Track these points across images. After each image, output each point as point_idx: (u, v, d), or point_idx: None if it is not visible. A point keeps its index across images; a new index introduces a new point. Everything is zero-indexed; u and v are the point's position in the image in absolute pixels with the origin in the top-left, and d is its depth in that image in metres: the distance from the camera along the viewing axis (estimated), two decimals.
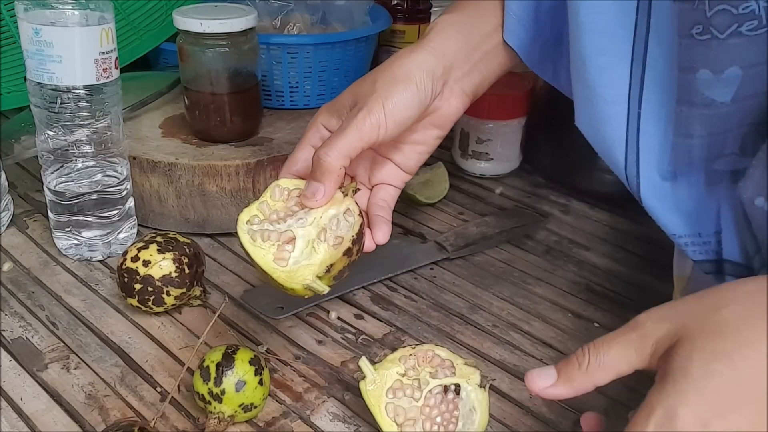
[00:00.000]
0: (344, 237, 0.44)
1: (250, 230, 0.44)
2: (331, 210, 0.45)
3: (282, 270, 0.43)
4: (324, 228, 0.44)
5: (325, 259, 0.43)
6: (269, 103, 0.76)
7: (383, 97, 0.45)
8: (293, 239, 0.44)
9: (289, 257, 0.43)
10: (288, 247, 0.43)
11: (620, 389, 0.52)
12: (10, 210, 0.67)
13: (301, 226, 0.44)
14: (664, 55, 0.38)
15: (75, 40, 0.54)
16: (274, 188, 0.46)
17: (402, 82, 0.46)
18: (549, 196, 0.80)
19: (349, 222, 0.45)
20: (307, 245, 0.44)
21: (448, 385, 0.44)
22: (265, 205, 0.45)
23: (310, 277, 0.42)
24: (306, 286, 0.42)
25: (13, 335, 0.53)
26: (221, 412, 0.44)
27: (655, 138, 0.40)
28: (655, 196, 0.42)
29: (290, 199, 0.46)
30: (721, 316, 0.32)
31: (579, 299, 0.62)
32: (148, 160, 0.63)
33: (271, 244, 0.43)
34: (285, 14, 0.81)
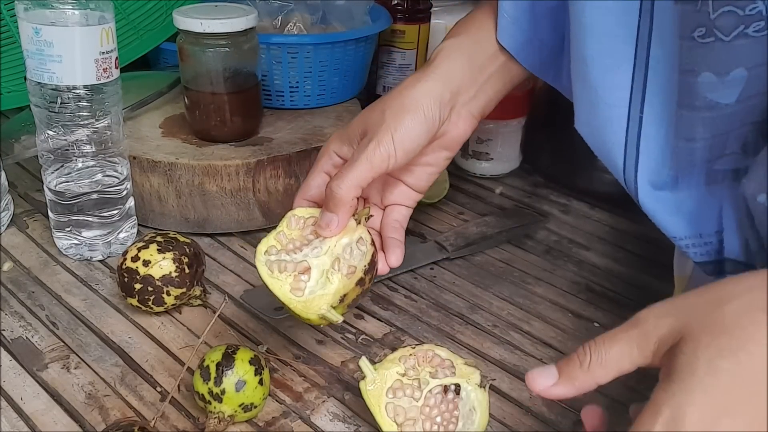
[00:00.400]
0: (357, 266, 0.46)
1: (267, 261, 0.46)
2: (345, 239, 0.47)
3: (298, 300, 0.45)
4: (338, 257, 0.46)
5: (339, 289, 0.45)
6: (269, 102, 0.76)
7: (392, 128, 0.47)
8: (308, 269, 0.45)
9: (305, 287, 0.45)
10: (304, 278, 0.45)
11: (621, 389, 0.52)
12: (10, 210, 0.67)
13: (315, 256, 0.46)
14: (666, 58, 0.38)
15: (75, 39, 0.54)
16: (290, 218, 0.48)
17: (410, 111, 0.47)
18: (549, 195, 0.80)
19: (361, 251, 0.47)
20: (321, 275, 0.45)
21: (448, 385, 0.44)
22: (282, 235, 0.47)
23: (324, 307, 0.44)
24: (321, 315, 0.44)
25: (13, 335, 0.53)
26: (221, 412, 0.44)
27: (655, 142, 0.40)
28: (654, 199, 0.42)
29: (306, 227, 0.48)
30: (724, 312, 0.31)
31: (579, 299, 0.62)
32: (148, 160, 0.63)
33: (288, 275, 0.45)
34: (285, 14, 0.81)
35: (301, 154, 0.66)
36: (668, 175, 0.40)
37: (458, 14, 1.02)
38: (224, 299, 0.54)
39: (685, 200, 0.41)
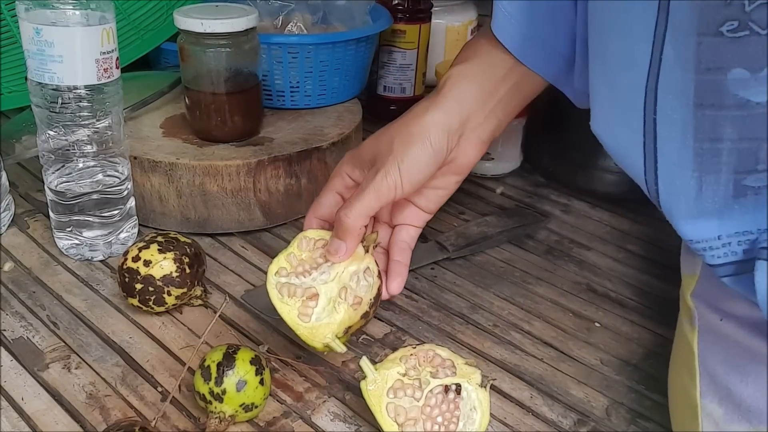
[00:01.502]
0: (363, 298, 0.48)
1: (278, 283, 0.47)
2: (353, 266, 0.48)
3: (305, 326, 0.46)
4: (345, 286, 0.48)
5: (344, 320, 0.47)
6: (270, 102, 0.76)
7: (399, 158, 0.48)
8: (316, 295, 0.47)
9: (312, 313, 0.47)
10: (311, 303, 0.47)
11: (621, 389, 0.52)
12: (11, 210, 0.67)
13: (323, 282, 0.47)
14: (679, 57, 0.37)
15: (76, 40, 0.54)
16: (301, 239, 0.49)
17: (417, 142, 0.49)
18: (550, 195, 0.80)
19: (368, 282, 0.49)
20: (328, 302, 0.47)
21: (449, 384, 0.44)
22: (293, 257, 0.48)
23: (329, 336, 0.46)
24: (325, 344, 0.46)
25: (14, 335, 0.53)
26: (222, 412, 0.44)
27: (672, 144, 0.39)
28: (674, 202, 0.40)
29: (315, 249, 0.49)
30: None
31: (580, 299, 0.62)
32: (149, 160, 0.63)
33: (296, 300, 0.47)
34: (286, 14, 0.81)
35: (301, 154, 0.66)
36: (692, 177, 0.38)
37: (458, 14, 1.03)
38: (225, 299, 0.54)
39: (708, 205, 0.39)
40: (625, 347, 0.56)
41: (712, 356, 0.42)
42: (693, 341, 0.43)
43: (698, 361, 0.42)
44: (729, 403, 0.40)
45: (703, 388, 0.42)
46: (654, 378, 0.53)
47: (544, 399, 0.50)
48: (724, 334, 0.41)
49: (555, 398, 0.50)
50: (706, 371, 0.42)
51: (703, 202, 0.38)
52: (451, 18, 1.03)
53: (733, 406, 0.40)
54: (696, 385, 0.42)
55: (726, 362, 0.41)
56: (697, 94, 0.36)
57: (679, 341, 0.46)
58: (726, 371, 0.41)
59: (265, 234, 0.68)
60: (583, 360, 0.54)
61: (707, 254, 0.40)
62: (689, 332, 0.43)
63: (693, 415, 0.42)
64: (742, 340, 0.40)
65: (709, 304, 0.42)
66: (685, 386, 0.43)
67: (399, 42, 0.91)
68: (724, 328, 0.41)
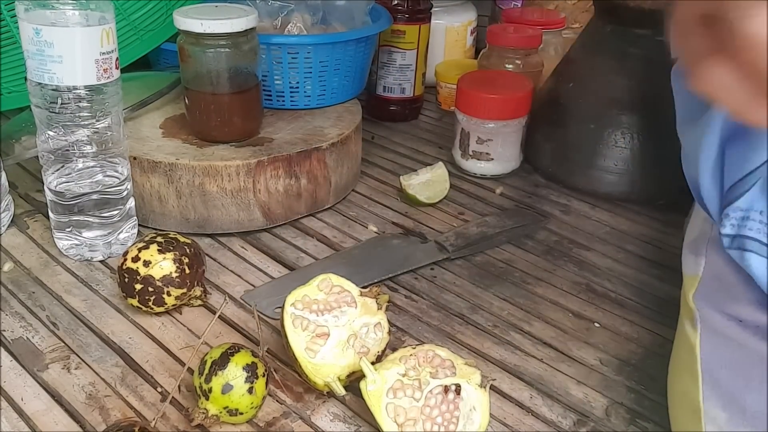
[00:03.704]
0: (370, 350, 0.49)
1: (293, 314, 0.48)
2: (364, 318, 0.49)
3: (309, 361, 0.47)
4: (355, 333, 0.49)
5: (349, 365, 0.48)
6: (270, 103, 0.76)
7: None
8: (326, 335, 0.48)
9: (319, 350, 0.48)
10: (320, 341, 0.48)
11: (620, 389, 0.52)
12: (10, 210, 0.67)
13: (335, 325, 0.49)
14: None
15: (76, 40, 0.54)
16: (324, 280, 0.50)
17: None
18: (549, 196, 0.80)
19: (377, 336, 0.50)
20: (337, 345, 0.48)
21: (449, 385, 0.44)
22: (311, 295, 0.50)
23: (332, 376, 0.47)
24: (326, 383, 0.47)
25: (13, 335, 0.53)
26: (206, 410, 0.44)
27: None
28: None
29: (331, 294, 0.50)
30: None
31: (579, 299, 0.62)
32: (148, 161, 0.63)
33: (307, 334, 0.48)
34: (285, 14, 0.81)
35: (301, 154, 0.66)
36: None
37: (458, 15, 1.03)
38: (224, 299, 0.54)
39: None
40: (625, 347, 0.56)
41: (716, 359, 0.42)
42: (695, 343, 0.43)
43: (701, 364, 0.42)
44: (733, 407, 0.40)
45: (706, 392, 0.42)
46: (653, 378, 0.53)
47: (544, 399, 0.50)
48: (727, 336, 0.41)
49: (554, 398, 0.50)
50: (709, 374, 0.42)
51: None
52: (451, 18, 1.03)
53: (737, 411, 0.40)
54: (699, 389, 0.42)
55: (730, 366, 0.40)
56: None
57: (680, 342, 0.46)
58: (730, 375, 0.40)
59: (264, 234, 0.68)
60: (583, 360, 0.54)
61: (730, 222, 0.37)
62: (691, 334, 0.43)
63: (696, 419, 0.42)
64: (747, 343, 0.39)
65: (712, 306, 0.42)
66: (687, 389, 0.43)
67: (399, 42, 0.91)
68: (727, 330, 0.41)
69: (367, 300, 0.50)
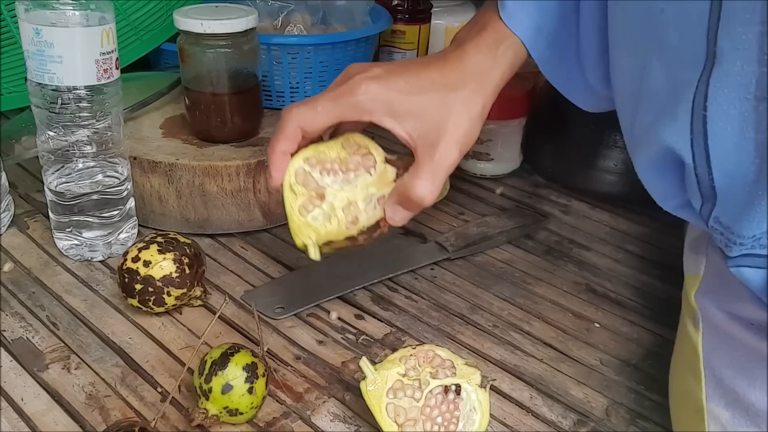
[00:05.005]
0: (360, 221, 0.47)
1: (300, 167, 0.46)
2: (374, 189, 0.47)
3: (298, 219, 0.46)
4: (353, 202, 0.46)
5: (330, 232, 0.46)
6: (270, 103, 0.76)
7: (459, 141, 0.47)
8: (323, 197, 0.46)
9: (312, 210, 0.46)
10: (316, 202, 0.46)
11: (620, 389, 0.52)
12: (10, 210, 0.67)
13: (339, 188, 0.46)
14: (735, 48, 0.34)
15: (76, 40, 0.54)
16: (348, 139, 0.47)
17: (477, 123, 0.48)
18: (549, 196, 0.80)
19: (375, 210, 0.47)
20: (330, 209, 0.46)
21: (449, 385, 0.44)
22: (329, 152, 0.47)
23: (312, 239, 0.46)
24: (304, 245, 0.46)
25: (13, 335, 0.53)
26: (206, 410, 0.44)
27: (728, 138, 0.36)
28: (732, 193, 0.38)
29: (354, 154, 0.47)
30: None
31: (579, 299, 0.62)
32: (148, 161, 0.63)
33: (305, 192, 0.46)
34: (285, 15, 0.81)
35: None
36: (752, 163, 0.36)
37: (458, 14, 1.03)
38: (225, 300, 0.54)
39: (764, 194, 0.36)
40: (625, 348, 0.56)
41: (718, 358, 0.41)
42: (697, 342, 0.43)
43: (703, 363, 0.42)
44: (736, 406, 0.40)
45: (709, 391, 0.42)
46: (654, 378, 0.53)
47: (544, 399, 0.50)
48: (730, 335, 0.41)
49: (555, 399, 0.50)
50: (711, 374, 0.42)
51: (759, 187, 0.36)
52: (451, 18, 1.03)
53: (740, 410, 0.40)
54: (701, 388, 0.42)
55: (733, 365, 0.40)
56: (759, 87, 0.34)
57: (682, 342, 0.46)
58: (733, 374, 0.40)
59: (264, 234, 0.68)
60: (583, 360, 0.54)
61: (757, 250, 0.37)
62: (693, 333, 0.43)
63: (699, 418, 0.42)
64: (749, 342, 0.39)
65: (714, 305, 0.42)
66: (690, 388, 0.43)
67: (399, 42, 0.91)
68: (730, 329, 0.41)
69: (388, 169, 0.48)
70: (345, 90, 0.45)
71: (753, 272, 0.37)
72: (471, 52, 0.47)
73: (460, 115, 0.45)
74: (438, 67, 0.46)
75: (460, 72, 0.46)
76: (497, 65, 0.47)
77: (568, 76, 0.52)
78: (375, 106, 0.45)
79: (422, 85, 0.45)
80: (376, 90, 0.45)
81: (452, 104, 0.45)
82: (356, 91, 0.45)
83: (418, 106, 0.45)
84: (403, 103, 0.45)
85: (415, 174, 0.45)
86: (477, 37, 0.48)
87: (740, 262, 0.38)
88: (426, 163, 0.45)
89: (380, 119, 0.45)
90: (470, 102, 0.46)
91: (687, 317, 0.45)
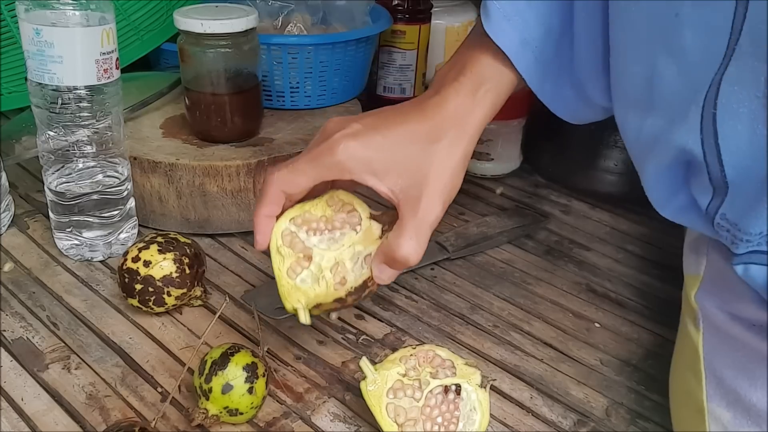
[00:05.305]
0: (348, 282, 0.46)
1: (287, 229, 0.46)
2: (360, 246, 0.47)
3: (288, 283, 0.46)
4: (340, 262, 0.46)
5: (319, 295, 0.46)
6: (270, 103, 0.76)
7: (443, 195, 0.46)
8: (311, 258, 0.46)
9: (300, 272, 0.46)
10: (304, 264, 0.46)
11: (621, 389, 0.52)
12: (10, 210, 0.67)
13: (325, 248, 0.47)
14: (753, 49, 0.34)
15: (76, 40, 0.54)
16: (333, 196, 0.47)
17: (459, 174, 0.48)
18: (549, 196, 0.80)
19: (362, 269, 0.46)
20: (318, 270, 0.46)
21: (449, 385, 0.44)
22: (314, 212, 0.47)
23: (301, 303, 0.46)
24: (294, 309, 0.46)
25: (13, 335, 0.53)
26: (206, 410, 0.44)
27: (739, 137, 0.36)
28: (743, 187, 0.37)
29: (339, 212, 0.47)
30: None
31: (579, 299, 0.62)
32: (148, 161, 0.63)
33: (293, 254, 0.46)
34: (285, 14, 0.81)
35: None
36: (763, 159, 0.35)
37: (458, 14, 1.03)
38: (225, 300, 0.54)
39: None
40: (625, 348, 0.56)
41: (719, 359, 0.41)
42: (698, 343, 0.43)
43: (704, 364, 0.42)
44: (738, 407, 0.40)
45: (709, 391, 0.42)
46: (654, 378, 0.53)
47: (544, 399, 0.50)
48: (730, 336, 0.41)
49: (555, 399, 0.50)
50: (712, 374, 0.42)
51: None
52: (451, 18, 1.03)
53: (742, 410, 0.40)
54: (702, 388, 0.42)
55: (734, 365, 0.40)
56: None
57: (683, 342, 0.46)
58: (734, 375, 0.40)
59: None
60: (583, 360, 0.54)
61: (763, 247, 0.37)
62: (694, 333, 0.43)
63: (699, 418, 0.42)
64: (750, 342, 0.39)
65: (715, 305, 0.42)
66: (690, 388, 0.43)
67: (399, 42, 0.91)
68: (730, 330, 0.41)
69: (374, 225, 0.47)
70: (324, 149, 0.44)
71: (758, 269, 0.37)
72: (450, 97, 0.46)
73: (441, 166, 0.45)
74: (416, 117, 0.46)
75: (438, 120, 0.46)
76: (477, 109, 0.47)
77: (556, 90, 0.52)
78: (355, 165, 0.44)
79: (401, 140, 0.45)
80: (355, 148, 0.44)
81: (432, 156, 0.45)
82: (335, 150, 0.44)
83: (397, 162, 0.44)
84: (382, 160, 0.44)
85: (399, 233, 0.45)
86: (456, 82, 0.47)
87: (747, 259, 0.38)
88: (409, 220, 0.44)
89: (361, 177, 0.44)
90: (451, 151, 0.45)
91: (687, 317, 0.45)
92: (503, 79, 0.49)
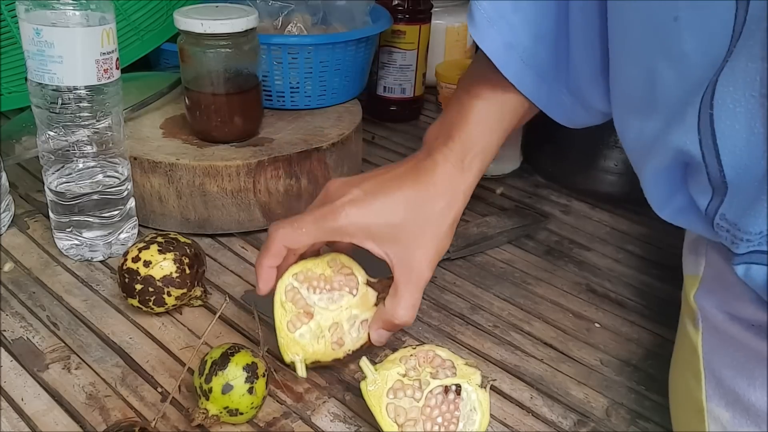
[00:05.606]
0: (346, 343, 0.49)
1: (290, 284, 0.49)
2: (357, 310, 0.50)
3: (287, 335, 0.48)
4: (338, 323, 0.49)
5: (317, 352, 0.48)
6: (270, 103, 0.76)
7: (433, 259, 0.50)
8: (311, 315, 0.49)
9: (300, 327, 0.48)
10: (304, 319, 0.48)
11: (621, 389, 0.52)
12: (11, 210, 0.67)
13: (324, 308, 0.49)
14: (746, 48, 0.34)
15: (76, 40, 0.54)
16: (334, 258, 0.50)
17: (448, 235, 0.51)
18: (549, 196, 0.80)
19: (359, 333, 0.50)
20: (317, 328, 0.48)
21: (449, 385, 0.44)
22: (316, 270, 0.50)
23: (299, 356, 0.48)
24: (292, 361, 0.48)
25: (14, 335, 0.53)
26: (206, 410, 0.44)
27: (737, 135, 0.36)
28: (742, 186, 0.37)
29: (338, 273, 0.50)
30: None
31: (579, 299, 0.62)
32: (149, 161, 0.63)
33: (294, 309, 0.48)
34: (286, 15, 0.81)
35: (301, 154, 0.66)
36: (762, 158, 0.36)
37: (458, 15, 1.03)
38: (225, 300, 0.54)
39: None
40: (625, 348, 0.56)
41: (718, 359, 0.41)
42: (697, 343, 0.43)
43: (703, 364, 0.42)
44: (737, 406, 0.40)
45: (709, 392, 0.42)
46: (654, 378, 0.53)
47: (544, 399, 0.50)
48: (729, 336, 0.41)
49: (555, 399, 0.50)
50: (711, 374, 0.42)
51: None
52: (451, 18, 1.03)
53: (741, 410, 0.40)
54: (701, 388, 0.42)
55: (733, 365, 0.40)
56: (763, 84, 0.34)
57: (682, 342, 0.46)
58: (733, 375, 0.40)
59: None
60: (583, 360, 0.54)
61: (762, 247, 0.37)
62: (693, 333, 0.43)
63: (699, 418, 0.42)
64: (749, 342, 0.39)
65: (714, 306, 0.42)
66: (690, 388, 0.43)
67: (399, 42, 0.91)
68: (730, 330, 0.41)
69: (369, 291, 0.50)
70: (327, 213, 0.48)
71: (759, 269, 0.37)
72: (440, 163, 0.50)
73: (432, 233, 0.49)
74: (411, 183, 0.49)
75: (431, 189, 0.49)
76: (465, 177, 0.50)
77: (553, 95, 0.52)
78: (355, 231, 0.48)
79: (397, 207, 0.48)
80: (356, 215, 0.48)
81: (425, 224, 0.49)
82: (338, 216, 0.48)
83: (394, 228, 0.48)
84: (380, 227, 0.48)
85: (396, 300, 0.49)
86: (445, 147, 0.50)
87: (747, 259, 0.38)
88: (404, 284, 0.49)
89: (360, 241, 0.48)
90: (441, 219, 0.49)
91: (686, 318, 0.45)
92: (492, 138, 0.52)
